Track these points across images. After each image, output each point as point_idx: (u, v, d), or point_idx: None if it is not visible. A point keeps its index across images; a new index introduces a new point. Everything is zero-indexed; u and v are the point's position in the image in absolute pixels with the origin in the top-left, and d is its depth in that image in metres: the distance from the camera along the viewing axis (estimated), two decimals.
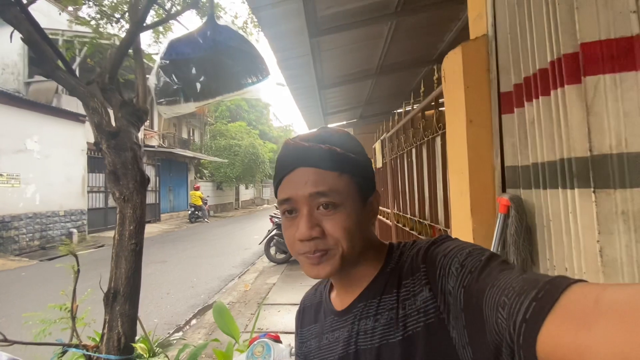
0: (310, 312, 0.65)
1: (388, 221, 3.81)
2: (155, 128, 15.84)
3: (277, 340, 1.33)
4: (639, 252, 0.81)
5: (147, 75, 2.37)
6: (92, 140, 2.03)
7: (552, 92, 1.00)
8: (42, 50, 1.86)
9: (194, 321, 4.09)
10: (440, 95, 1.80)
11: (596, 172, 0.86)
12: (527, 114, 1.13)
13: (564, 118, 0.95)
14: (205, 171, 19.99)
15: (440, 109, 2.01)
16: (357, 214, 0.50)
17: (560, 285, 0.30)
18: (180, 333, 3.64)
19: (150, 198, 14.02)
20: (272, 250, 6.51)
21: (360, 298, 0.53)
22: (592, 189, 0.86)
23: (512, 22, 1.21)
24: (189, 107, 1.74)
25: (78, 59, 9.10)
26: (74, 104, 10.09)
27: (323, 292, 0.63)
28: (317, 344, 0.59)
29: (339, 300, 0.57)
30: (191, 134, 21.23)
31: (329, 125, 6.73)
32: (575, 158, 0.91)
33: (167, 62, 1.72)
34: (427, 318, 0.45)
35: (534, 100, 1.09)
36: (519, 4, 1.16)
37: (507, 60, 1.24)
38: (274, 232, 6.43)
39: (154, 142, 15.00)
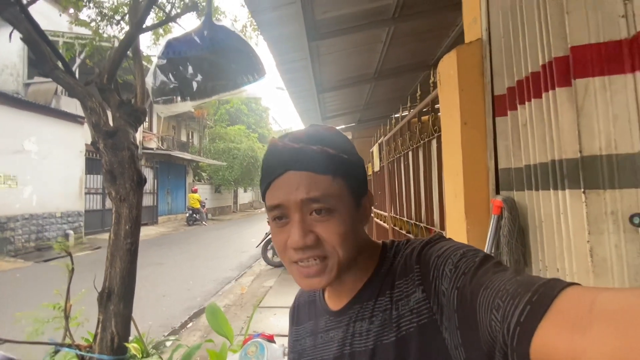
0: (304, 310, 0.64)
1: (385, 224, 3.81)
2: (154, 130, 15.84)
3: (270, 340, 1.32)
4: (628, 252, 0.82)
5: (147, 79, 2.38)
6: (90, 141, 2.04)
7: (543, 95, 1.02)
8: (41, 50, 1.87)
9: (189, 324, 4.07)
10: (436, 98, 1.82)
11: (586, 173, 0.87)
12: (520, 116, 1.15)
13: (555, 120, 0.96)
14: (203, 174, 19.97)
15: (436, 112, 2.03)
16: (352, 218, 0.48)
17: (554, 288, 0.30)
18: (176, 335, 3.61)
19: (147, 200, 13.97)
20: (269, 254, 6.49)
21: (355, 300, 0.52)
22: (582, 190, 0.87)
23: (505, 26, 1.23)
24: (186, 106, 1.75)
25: (78, 60, 9.12)
26: (73, 106, 10.07)
27: (317, 290, 0.63)
28: (312, 342, 0.59)
29: (333, 301, 0.56)
30: (190, 137, 21.24)
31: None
32: (565, 159, 0.92)
33: (165, 61, 1.73)
34: (420, 319, 0.44)
35: (527, 102, 1.10)
36: (512, 9, 1.18)
37: (501, 64, 1.25)
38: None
39: (153, 144, 14.98)
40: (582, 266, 0.87)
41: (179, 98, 1.72)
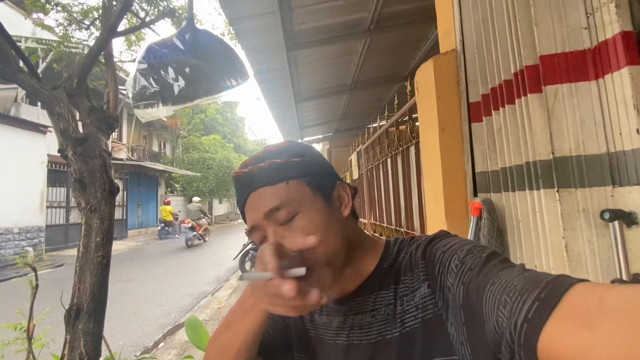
0: None
1: (365, 232, 3.84)
2: (124, 140, 15.22)
3: None
4: (599, 246, 0.87)
5: (120, 87, 2.30)
6: (53, 152, 1.93)
7: (516, 101, 1.08)
8: (3, 52, 1.76)
9: (163, 342, 3.86)
10: (413, 107, 1.88)
11: (559, 173, 0.93)
12: (495, 122, 1.21)
13: (528, 124, 1.02)
14: (176, 185, 19.34)
15: (414, 121, 2.09)
16: (321, 213, 0.49)
17: (562, 284, 0.30)
18: (150, 354, 3.41)
19: (117, 213, 13.30)
20: (248, 265, 6.33)
21: (356, 293, 0.52)
22: (556, 189, 0.92)
23: (478, 37, 1.30)
24: (168, 111, 1.70)
25: (44, 64, 8.66)
26: (34, 114, 9.53)
27: None
28: (309, 316, 0.59)
29: (335, 288, 0.55)
30: (162, 147, 20.57)
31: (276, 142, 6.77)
32: (539, 161, 0.97)
33: (145, 65, 1.68)
34: (425, 314, 0.45)
35: (501, 108, 1.16)
36: (484, 21, 1.26)
37: (475, 73, 1.32)
38: (249, 246, 6.27)
39: (122, 154, 14.38)
40: (559, 262, 0.91)
41: (160, 103, 1.66)
